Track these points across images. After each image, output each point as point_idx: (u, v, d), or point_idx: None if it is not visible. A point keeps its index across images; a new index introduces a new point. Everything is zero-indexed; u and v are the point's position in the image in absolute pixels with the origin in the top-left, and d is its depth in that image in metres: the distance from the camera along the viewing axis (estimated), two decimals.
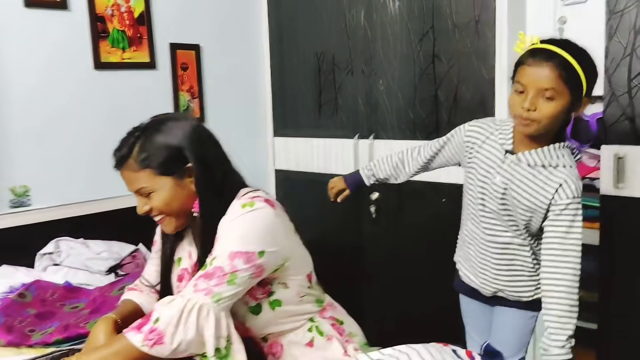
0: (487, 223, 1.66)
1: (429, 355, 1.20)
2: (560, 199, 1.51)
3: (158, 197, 1.39)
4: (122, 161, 1.40)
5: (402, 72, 2.54)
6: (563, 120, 1.51)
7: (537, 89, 1.45)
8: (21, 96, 2.37)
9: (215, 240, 1.35)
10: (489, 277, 1.72)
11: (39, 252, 2.25)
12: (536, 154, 1.55)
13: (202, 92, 2.94)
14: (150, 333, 1.24)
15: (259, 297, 1.42)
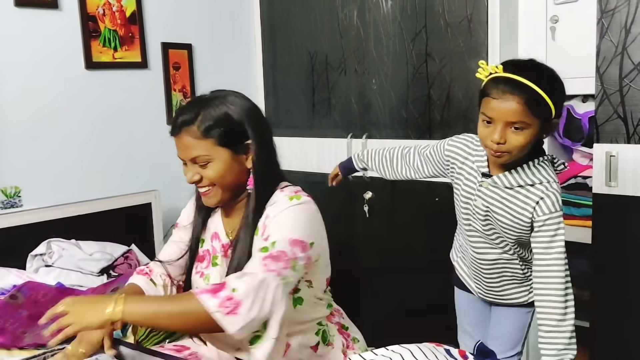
0: (474, 242, 1.66)
1: (422, 355, 1.20)
2: (538, 215, 1.50)
3: (213, 167, 1.36)
4: (183, 126, 1.36)
5: (394, 71, 2.54)
6: (535, 142, 1.48)
7: (505, 122, 1.42)
8: (12, 96, 2.35)
9: (264, 226, 1.34)
10: (483, 288, 1.75)
11: (31, 254, 2.23)
12: (511, 176, 1.53)
13: (195, 92, 2.93)
14: (228, 300, 1.19)
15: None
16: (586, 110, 2.26)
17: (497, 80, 1.43)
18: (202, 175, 1.38)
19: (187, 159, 1.38)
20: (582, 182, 2.28)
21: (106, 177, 2.64)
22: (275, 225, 1.34)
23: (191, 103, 1.41)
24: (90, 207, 2.43)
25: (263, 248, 1.30)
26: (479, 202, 1.58)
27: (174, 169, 2.87)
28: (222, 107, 1.37)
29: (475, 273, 1.74)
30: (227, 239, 1.47)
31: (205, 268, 1.48)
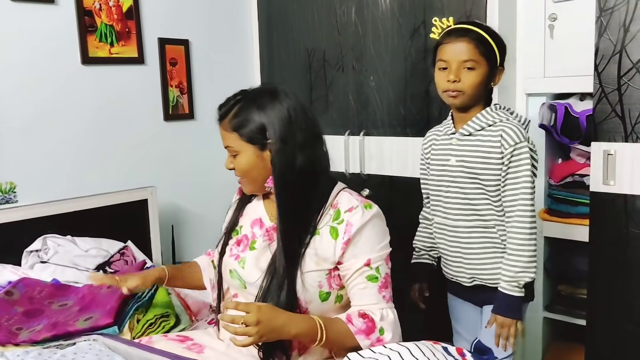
0: (452, 209, 1.75)
1: (420, 353, 1.20)
2: (505, 148, 1.64)
3: (240, 159, 1.47)
4: (220, 119, 1.51)
5: (393, 68, 2.53)
6: (484, 90, 1.70)
7: (458, 62, 1.64)
8: (7, 92, 2.34)
9: (348, 233, 1.41)
10: (463, 264, 1.77)
11: (26, 250, 2.22)
12: (472, 122, 1.71)
13: (192, 88, 2.92)
14: (377, 342, 1.38)
15: (333, 286, 1.46)
16: (584, 109, 2.26)
17: (450, 31, 1.70)
18: (234, 165, 1.49)
19: (225, 147, 1.50)
20: (579, 181, 2.28)
21: (102, 173, 2.63)
22: (367, 242, 1.43)
23: (233, 96, 1.52)
24: (86, 203, 2.41)
25: (372, 277, 1.42)
26: (452, 160, 1.73)
27: (170, 165, 2.87)
28: (252, 107, 1.45)
29: (454, 248, 1.77)
30: (271, 224, 1.53)
31: (242, 251, 1.53)
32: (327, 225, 1.45)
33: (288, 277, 1.40)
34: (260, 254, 1.50)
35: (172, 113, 2.84)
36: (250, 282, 1.48)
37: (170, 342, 1.46)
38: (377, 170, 2.66)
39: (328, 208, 1.46)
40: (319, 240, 1.44)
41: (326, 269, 1.44)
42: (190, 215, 2.92)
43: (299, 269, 1.41)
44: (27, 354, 1.25)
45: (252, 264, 1.49)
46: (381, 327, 1.39)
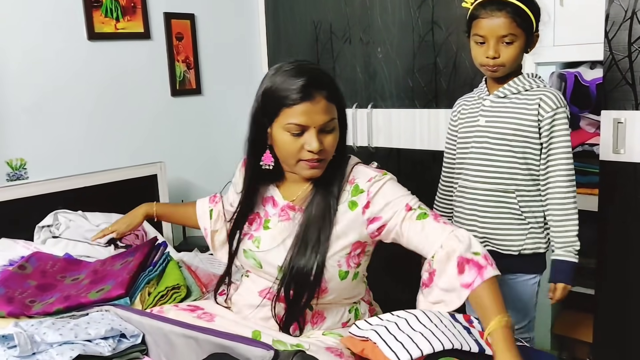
0: (475, 171, 1.76)
1: (427, 319, 1.21)
2: (545, 112, 1.66)
3: (335, 135, 1.38)
4: (321, 89, 1.34)
5: (400, 39, 2.51)
6: (522, 57, 1.70)
7: (496, 37, 1.63)
8: (15, 68, 2.34)
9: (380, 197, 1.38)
10: (477, 226, 1.77)
11: (38, 225, 2.24)
12: (508, 85, 1.72)
13: (198, 63, 2.91)
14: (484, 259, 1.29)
15: (351, 265, 1.42)
16: (594, 77, 2.23)
17: (483, 3, 1.65)
18: (324, 143, 1.35)
19: (317, 125, 1.33)
20: (589, 150, 2.27)
21: (111, 149, 2.64)
22: (392, 193, 1.39)
23: (309, 67, 1.37)
24: (96, 179, 2.43)
25: (422, 215, 1.37)
26: (482, 120, 1.75)
27: (179, 141, 2.88)
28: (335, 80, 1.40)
29: (472, 207, 1.77)
30: (285, 202, 1.47)
31: (255, 231, 1.49)
32: (346, 201, 1.41)
33: (318, 259, 1.36)
34: (277, 233, 1.45)
35: (179, 88, 2.84)
36: (268, 261, 1.44)
37: (180, 312, 1.47)
38: (385, 142, 2.65)
39: (345, 184, 1.42)
40: (339, 219, 1.40)
41: (347, 248, 1.40)
42: (199, 190, 2.94)
43: None
44: (40, 323, 1.27)
45: (269, 244, 1.45)
46: (472, 252, 1.29)
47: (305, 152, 1.34)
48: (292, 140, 1.34)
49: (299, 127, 1.32)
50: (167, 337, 1.27)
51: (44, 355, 1.17)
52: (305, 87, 1.30)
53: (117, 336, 1.28)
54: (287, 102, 1.32)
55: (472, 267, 1.27)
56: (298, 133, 1.33)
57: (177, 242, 2.78)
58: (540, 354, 1.27)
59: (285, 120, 1.33)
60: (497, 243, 1.75)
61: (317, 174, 1.39)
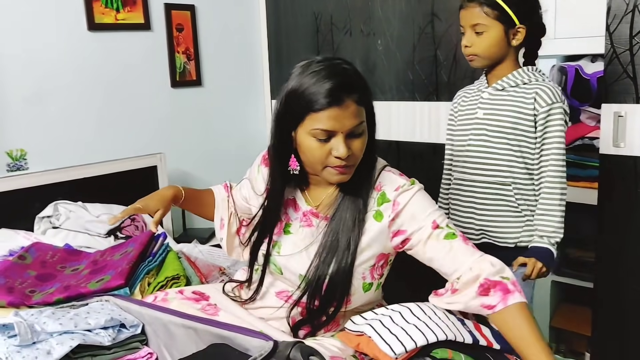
0: (472, 163, 1.77)
1: (420, 311, 1.21)
2: (541, 106, 1.66)
3: (363, 140, 1.29)
4: (353, 92, 1.25)
5: (401, 31, 2.50)
6: (506, 49, 1.69)
7: (469, 26, 1.68)
8: (15, 59, 2.34)
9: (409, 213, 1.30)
10: (474, 219, 1.79)
11: (38, 216, 2.25)
12: (507, 78, 1.72)
13: (198, 54, 2.91)
14: (512, 285, 1.21)
15: (375, 276, 1.39)
16: (595, 71, 2.23)
17: None
18: (352, 149, 1.27)
19: (345, 130, 1.24)
20: (588, 144, 2.27)
21: (111, 140, 2.64)
22: (422, 208, 1.31)
23: (340, 68, 1.25)
24: (95, 170, 2.43)
25: (450, 235, 1.28)
26: (480, 113, 1.76)
27: (179, 132, 2.88)
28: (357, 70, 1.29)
29: (469, 200, 1.79)
30: (308, 207, 1.40)
31: (276, 235, 1.42)
32: (372, 210, 1.34)
33: (347, 269, 1.31)
34: (299, 240, 1.40)
35: (179, 79, 2.84)
36: (289, 269, 1.39)
37: (185, 301, 1.45)
38: (384, 135, 2.65)
39: (372, 191, 1.35)
40: (365, 231, 1.33)
41: (372, 259, 1.35)
42: (199, 181, 2.94)
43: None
44: (40, 313, 1.27)
45: (290, 249, 1.40)
46: (500, 277, 1.22)
47: (332, 158, 1.26)
48: (319, 145, 1.25)
49: (326, 132, 1.24)
50: (166, 327, 1.27)
51: (44, 345, 1.18)
52: (335, 90, 1.21)
53: (116, 326, 1.28)
54: (315, 106, 1.22)
55: (498, 290, 1.20)
56: (325, 139, 1.25)
57: (177, 233, 2.78)
58: None
59: (312, 126, 1.24)
60: (494, 235, 1.76)
61: (345, 179, 1.31)
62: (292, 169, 1.32)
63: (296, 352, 1.01)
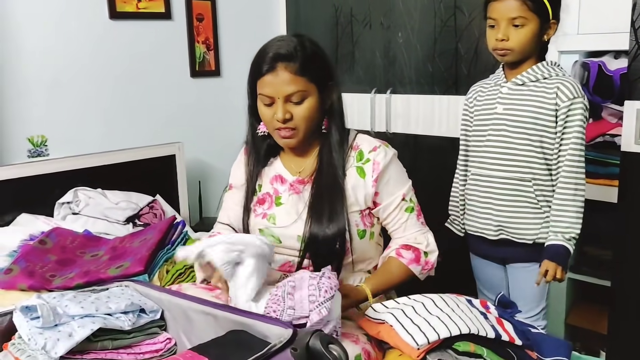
0: (491, 159, 1.75)
1: (444, 303, 1.21)
2: (562, 101, 1.64)
3: (307, 105, 1.42)
4: (281, 60, 1.40)
5: (422, 24, 2.49)
6: (537, 44, 1.68)
7: (506, 19, 1.63)
8: (37, 47, 2.36)
9: (376, 171, 1.47)
10: (492, 215, 1.77)
11: (58, 202, 2.27)
12: (527, 73, 1.70)
13: (218, 44, 2.91)
14: (426, 264, 1.50)
15: (367, 224, 1.52)
16: (618, 67, 2.20)
17: None
18: (293, 114, 1.41)
19: (281, 96, 1.39)
20: (610, 141, 2.24)
21: (131, 128, 2.66)
22: (396, 177, 1.51)
23: (279, 41, 1.42)
24: (115, 158, 2.45)
25: (409, 208, 1.52)
26: (499, 108, 1.73)
27: (197, 122, 2.89)
28: (314, 47, 1.44)
29: (487, 197, 1.77)
30: (293, 177, 1.53)
31: (268, 209, 1.53)
32: (353, 166, 1.49)
33: (340, 223, 1.44)
34: (291, 207, 1.50)
35: (198, 69, 2.85)
36: (287, 235, 1.48)
37: (199, 289, 1.49)
38: (403, 129, 2.64)
39: (349, 150, 1.51)
40: (348, 182, 1.48)
41: (358, 210, 1.49)
42: (217, 171, 2.95)
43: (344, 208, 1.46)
44: (62, 296, 1.29)
45: (285, 219, 1.49)
46: (425, 251, 1.49)
47: (275, 121, 1.41)
48: (266, 109, 1.43)
49: (267, 97, 1.41)
50: (185, 313, 1.28)
51: (65, 327, 1.19)
52: (270, 59, 1.38)
53: (136, 311, 1.29)
54: (257, 74, 1.42)
55: (412, 253, 1.48)
56: (268, 104, 1.42)
57: (194, 222, 2.80)
58: (556, 340, 1.27)
59: (259, 91, 1.43)
60: (511, 231, 1.75)
61: (291, 143, 1.46)
62: (260, 131, 1.51)
63: (315, 340, 1.01)
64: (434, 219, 2.52)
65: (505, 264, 1.84)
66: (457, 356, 1.11)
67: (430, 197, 2.57)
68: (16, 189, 2.20)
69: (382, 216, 1.53)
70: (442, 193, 2.50)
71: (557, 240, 1.67)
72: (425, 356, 1.13)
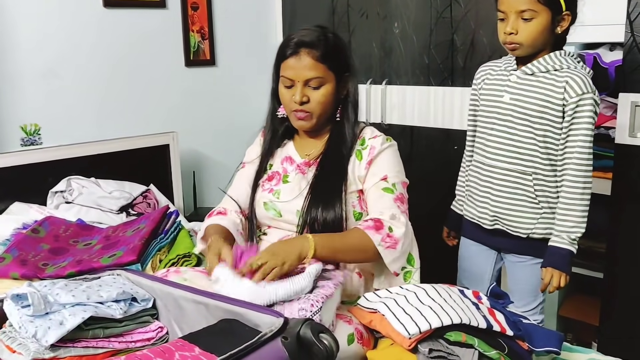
0: (493, 148, 1.73)
1: (436, 293, 1.21)
2: (570, 96, 1.60)
3: (324, 91, 1.51)
4: (304, 47, 1.50)
5: (418, 15, 2.48)
6: (550, 36, 1.62)
7: (515, 12, 1.58)
8: (31, 35, 2.35)
9: (371, 156, 1.54)
10: (489, 204, 1.76)
11: (51, 190, 2.26)
12: (537, 63, 1.65)
13: (213, 33, 2.90)
14: (388, 237, 1.42)
15: (364, 207, 1.57)
16: (613, 59, 2.20)
17: None
18: (310, 98, 1.50)
19: (301, 80, 1.49)
20: (604, 133, 2.25)
21: (125, 117, 2.65)
22: (385, 163, 1.55)
23: (305, 29, 1.52)
24: (109, 147, 2.44)
25: (387, 189, 1.52)
26: (506, 97, 1.70)
27: (191, 111, 2.88)
28: (336, 39, 1.53)
29: (485, 187, 1.76)
30: (301, 159, 1.61)
31: (275, 185, 1.61)
32: (354, 151, 1.57)
33: (335, 198, 1.50)
34: (295, 184, 1.58)
35: (193, 59, 2.84)
36: (287, 209, 1.56)
37: (197, 272, 1.49)
38: (399, 120, 2.64)
39: (356, 141, 1.58)
40: (349, 165, 1.56)
41: (356, 190, 1.55)
42: (211, 161, 2.94)
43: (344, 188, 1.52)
44: (53, 284, 1.28)
45: (288, 194, 1.58)
46: (390, 225, 1.44)
47: (293, 103, 1.50)
48: (286, 91, 1.52)
49: (288, 80, 1.50)
50: (177, 302, 1.28)
51: (56, 315, 1.19)
52: (295, 44, 1.48)
53: (128, 299, 1.29)
54: (281, 57, 1.52)
55: (373, 222, 1.43)
56: (289, 86, 1.51)
57: (188, 212, 2.80)
58: (548, 331, 1.27)
59: (282, 73, 1.52)
60: (507, 223, 1.75)
61: (305, 125, 1.55)
62: (279, 113, 1.60)
63: (306, 329, 1.01)
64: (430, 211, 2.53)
65: (498, 251, 1.84)
66: (448, 346, 1.12)
67: (426, 189, 2.58)
68: (9, 177, 2.19)
69: (366, 198, 1.56)
70: (438, 185, 2.50)
71: (562, 242, 1.64)
72: (417, 345, 1.13)
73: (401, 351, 1.16)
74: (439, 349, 1.12)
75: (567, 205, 1.64)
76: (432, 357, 1.12)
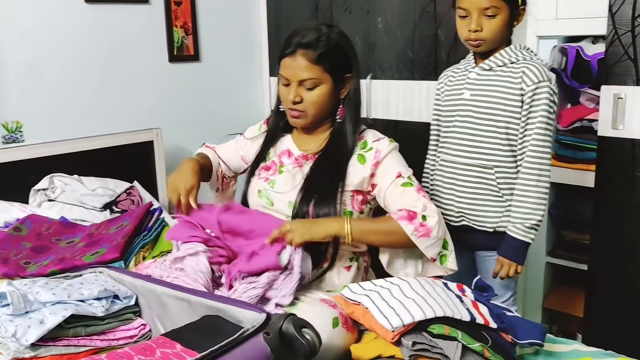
0: (456, 144, 1.75)
1: (420, 286, 1.21)
2: (527, 85, 1.63)
3: (318, 92, 1.53)
4: (301, 47, 1.51)
5: (401, 10, 2.48)
6: (508, 31, 1.68)
7: (478, 10, 1.61)
8: (12, 31, 2.31)
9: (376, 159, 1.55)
10: (454, 201, 1.77)
11: (33, 188, 2.24)
12: (494, 58, 1.69)
13: (197, 29, 2.87)
14: (420, 227, 1.44)
15: (355, 207, 1.59)
16: (596, 52, 2.22)
17: None
18: (304, 98, 1.53)
19: (295, 80, 1.52)
20: (587, 126, 2.26)
21: (108, 114, 2.63)
22: (395, 162, 1.56)
23: (307, 28, 1.53)
24: (92, 144, 2.42)
25: (406, 184, 1.53)
26: (466, 94, 1.73)
27: (176, 107, 2.86)
28: (339, 39, 1.55)
29: (450, 183, 1.78)
30: (299, 152, 1.64)
31: (272, 175, 1.65)
32: (355, 154, 1.58)
33: (329, 195, 1.52)
34: (290, 176, 1.61)
35: (177, 54, 2.81)
36: (280, 199, 1.60)
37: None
38: (383, 114, 2.64)
39: (357, 142, 1.60)
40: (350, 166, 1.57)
41: (349, 191, 1.56)
42: None
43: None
44: (34, 283, 1.27)
45: (282, 185, 1.61)
46: (423, 215, 1.45)
47: (288, 102, 1.54)
48: (283, 89, 1.56)
49: (284, 78, 1.54)
50: (159, 299, 1.27)
51: (36, 314, 1.18)
52: (293, 44, 1.50)
53: (110, 297, 1.28)
54: (281, 55, 1.54)
55: (405, 212, 1.45)
56: (285, 84, 1.55)
57: (172, 208, 2.78)
58: (531, 324, 1.28)
59: (280, 71, 1.55)
60: (472, 218, 1.75)
61: (298, 123, 1.59)
62: (282, 107, 1.62)
63: (289, 325, 1.01)
64: None
65: (472, 252, 1.85)
66: (431, 339, 1.12)
67: None
68: None
69: (379, 196, 1.56)
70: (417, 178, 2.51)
71: (516, 232, 1.65)
72: (400, 339, 1.13)
73: (385, 344, 1.16)
74: (423, 342, 1.12)
75: (522, 192, 1.65)
76: (416, 350, 1.12)
